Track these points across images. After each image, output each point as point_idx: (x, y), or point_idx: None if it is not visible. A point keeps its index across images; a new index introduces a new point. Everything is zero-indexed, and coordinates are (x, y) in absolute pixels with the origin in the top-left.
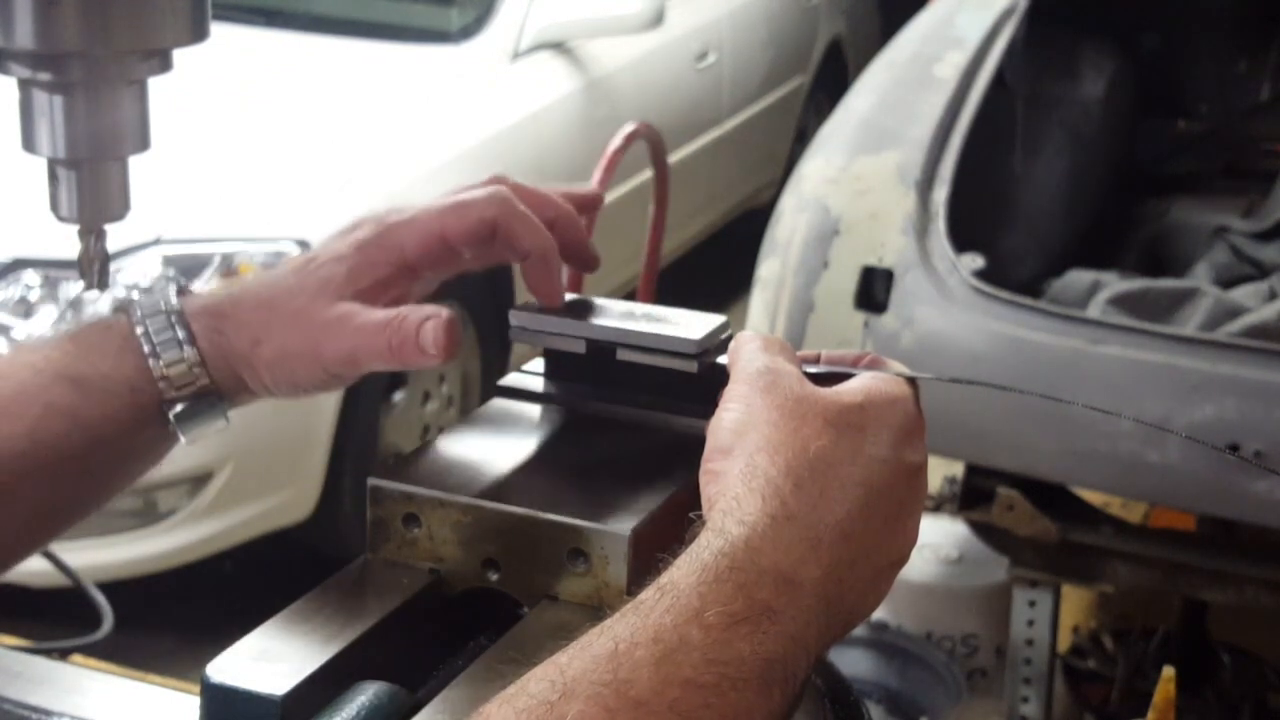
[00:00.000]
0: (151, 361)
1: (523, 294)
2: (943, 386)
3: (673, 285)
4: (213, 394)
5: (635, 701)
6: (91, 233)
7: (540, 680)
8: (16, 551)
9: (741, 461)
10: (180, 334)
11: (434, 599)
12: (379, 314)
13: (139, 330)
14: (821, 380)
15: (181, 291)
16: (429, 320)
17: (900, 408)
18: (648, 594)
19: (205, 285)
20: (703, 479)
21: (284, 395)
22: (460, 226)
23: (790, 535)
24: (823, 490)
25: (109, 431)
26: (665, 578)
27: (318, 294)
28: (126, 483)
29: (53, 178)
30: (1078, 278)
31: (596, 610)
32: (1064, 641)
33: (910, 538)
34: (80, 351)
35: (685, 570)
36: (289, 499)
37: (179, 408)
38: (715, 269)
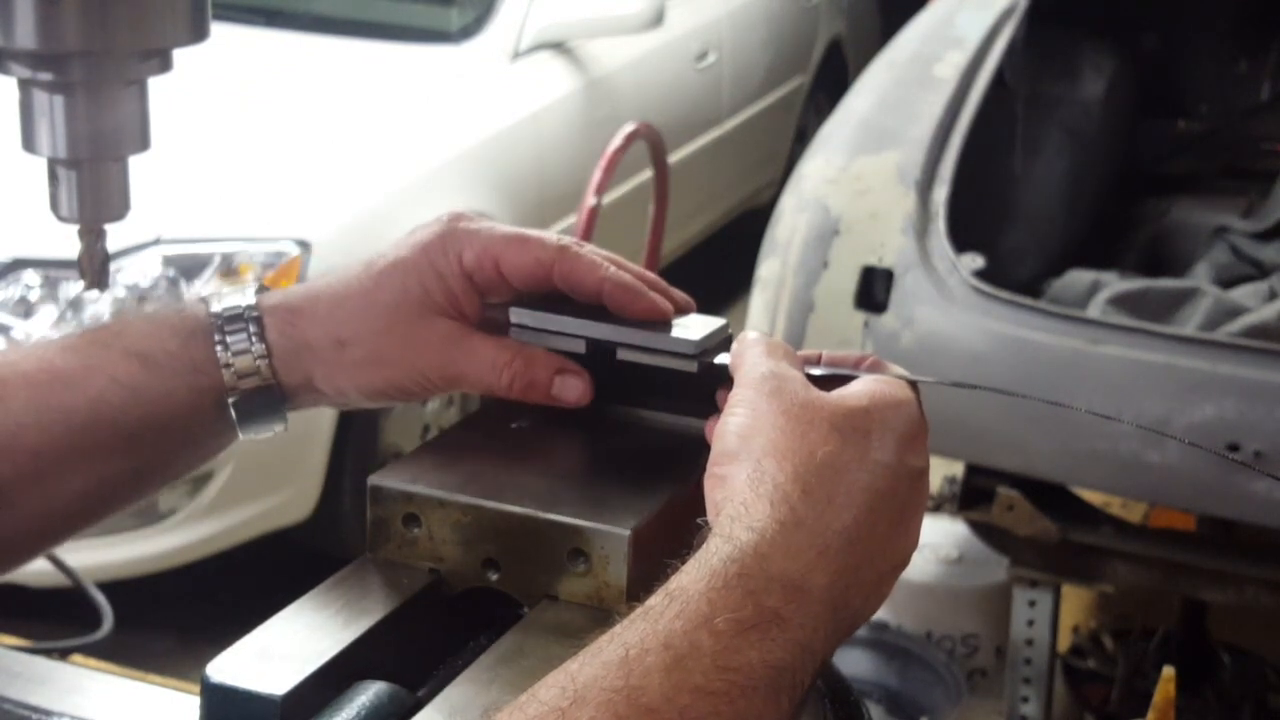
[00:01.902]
0: (219, 349)
1: None
2: (943, 386)
3: (673, 285)
4: (274, 391)
5: (646, 708)
6: (91, 233)
7: (551, 687)
8: (62, 529)
9: (749, 467)
10: (251, 326)
11: (434, 599)
12: (490, 345)
13: (214, 320)
14: (823, 382)
15: (260, 290)
16: (569, 375)
17: (904, 412)
18: (656, 600)
19: (206, 285)
20: (708, 484)
21: (357, 400)
22: (516, 260)
23: (799, 542)
24: (830, 496)
25: (166, 411)
26: (674, 583)
27: (401, 304)
28: (178, 472)
29: (53, 178)
30: (1078, 278)
31: (596, 610)
32: (1064, 641)
33: (912, 542)
34: (151, 329)
35: (694, 576)
36: (289, 499)
37: (237, 398)
38: (715, 269)
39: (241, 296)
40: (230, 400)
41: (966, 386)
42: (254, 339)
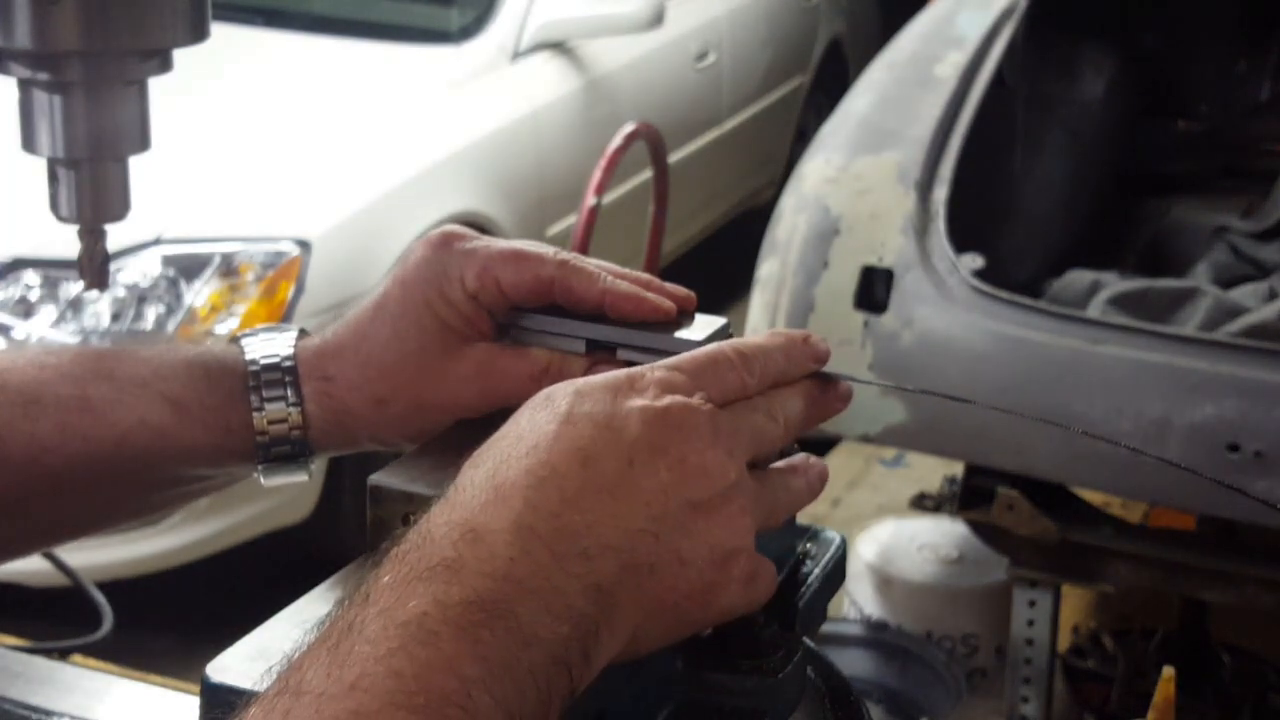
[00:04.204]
0: (255, 414)
1: None
2: (944, 386)
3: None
4: (304, 451)
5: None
6: (91, 233)
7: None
8: (68, 536)
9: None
10: (290, 394)
11: None
12: (518, 360)
13: (251, 379)
14: None
15: (301, 336)
16: (601, 366)
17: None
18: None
19: (205, 285)
20: None
21: (402, 446)
22: (515, 279)
23: (466, 494)
24: (515, 443)
25: (191, 459)
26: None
27: (426, 346)
28: (192, 499)
29: (53, 178)
30: (1078, 278)
31: None
32: (1064, 641)
33: (698, 475)
34: (191, 379)
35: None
36: (289, 499)
37: (266, 463)
38: (715, 269)
39: (279, 342)
40: (259, 466)
41: (945, 397)
42: (290, 405)
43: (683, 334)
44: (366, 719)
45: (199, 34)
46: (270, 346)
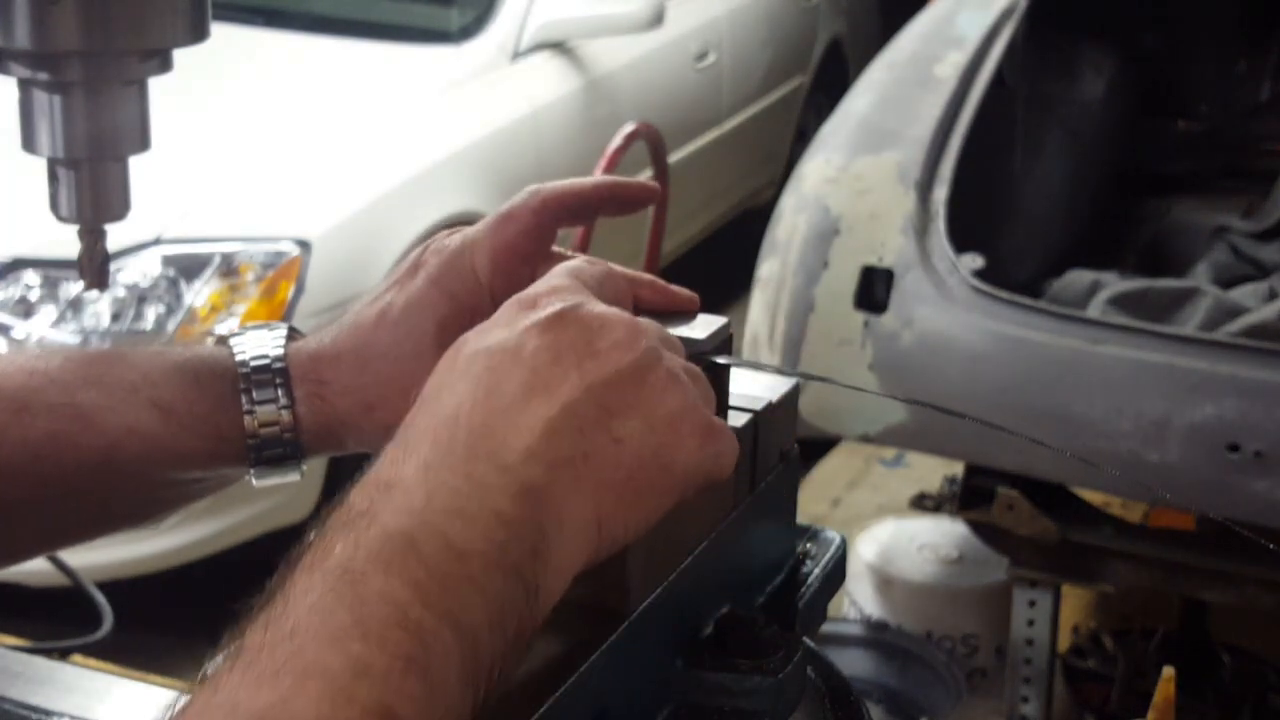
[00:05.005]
0: (246, 418)
1: None
2: (944, 386)
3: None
4: (296, 452)
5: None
6: (92, 233)
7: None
8: (64, 543)
9: None
10: (281, 396)
11: None
12: None
13: (242, 382)
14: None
15: (291, 334)
16: None
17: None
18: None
19: (205, 285)
20: None
21: None
22: (522, 237)
23: (386, 457)
24: (428, 397)
25: (182, 465)
26: None
27: (419, 351)
28: (187, 503)
29: (53, 178)
30: (1078, 278)
31: (596, 610)
32: (1064, 641)
33: (610, 354)
34: (181, 384)
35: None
36: (289, 499)
37: (258, 466)
38: (715, 269)
39: (268, 341)
40: (251, 469)
41: (922, 404)
42: (281, 408)
43: (682, 333)
44: (308, 659)
45: (199, 34)
46: (260, 346)
